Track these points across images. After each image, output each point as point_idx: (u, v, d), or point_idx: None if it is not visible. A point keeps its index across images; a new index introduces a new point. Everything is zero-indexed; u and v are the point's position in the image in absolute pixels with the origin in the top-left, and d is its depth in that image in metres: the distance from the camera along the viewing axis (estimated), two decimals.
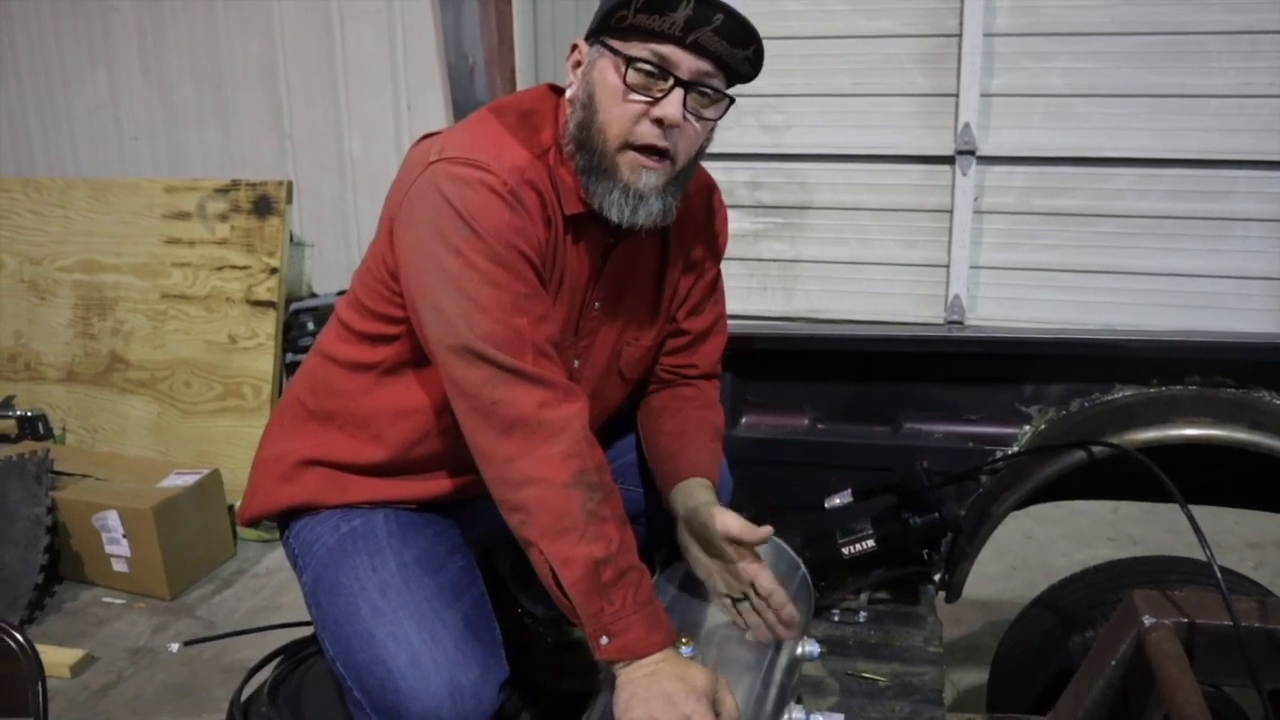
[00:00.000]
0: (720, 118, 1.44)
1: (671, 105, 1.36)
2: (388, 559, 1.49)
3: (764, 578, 1.46)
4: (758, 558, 1.49)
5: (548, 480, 1.31)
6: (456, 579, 1.51)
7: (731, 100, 1.43)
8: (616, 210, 1.42)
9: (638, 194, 1.41)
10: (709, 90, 1.39)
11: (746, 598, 1.49)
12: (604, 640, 1.31)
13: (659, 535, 1.71)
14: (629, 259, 1.58)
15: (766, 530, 1.46)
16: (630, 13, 1.33)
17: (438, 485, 1.61)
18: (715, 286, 1.78)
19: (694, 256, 1.69)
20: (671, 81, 1.36)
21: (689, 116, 1.39)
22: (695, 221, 1.67)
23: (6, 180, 4.46)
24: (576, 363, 1.60)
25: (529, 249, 1.38)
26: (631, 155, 1.40)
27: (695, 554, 1.55)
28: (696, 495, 1.56)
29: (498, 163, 1.37)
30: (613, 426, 1.81)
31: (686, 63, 1.35)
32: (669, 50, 1.35)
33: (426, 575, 1.48)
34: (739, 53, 1.37)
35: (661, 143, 1.39)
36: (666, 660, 1.31)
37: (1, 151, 4.94)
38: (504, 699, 1.43)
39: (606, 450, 1.72)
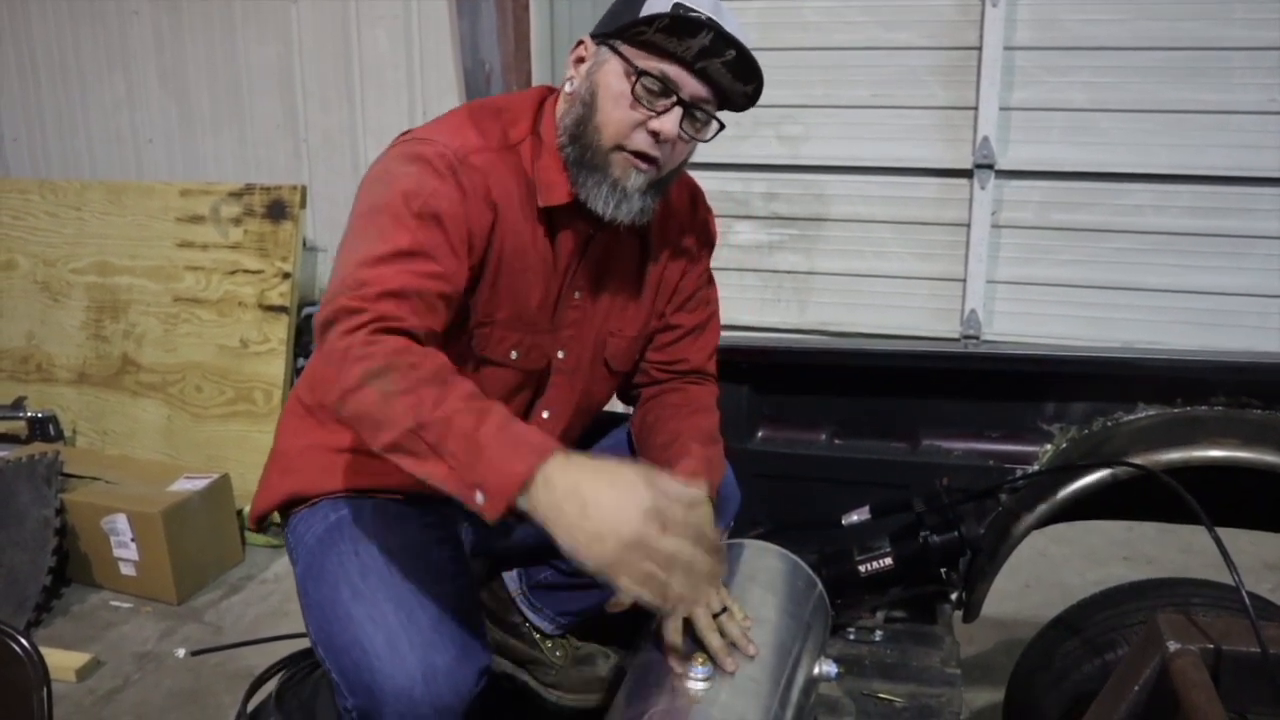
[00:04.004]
0: (709, 139, 1.52)
1: (669, 121, 1.44)
2: (372, 544, 1.49)
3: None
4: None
5: (346, 395, 1.24)
6: (441, 566, 1.50)
7: (722, 125, 1.51)
8: (602, 204, 1.49)
9: (623, 190, 1.48)
10: (704, 114, 1.48)
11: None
12: (479, 499, 1.17)
13: None
14: (608, 251, 1.63)
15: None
16: (650, 31, 1.40)
17: None
18: (704, 284, 1.80)
19: (678, 252, 1.73)
20: (674, 100, 1.44)
21: (682, 134, 1.47)
22: (678, 219, 1.72)
23: (23, 181, 4.47)
24: (561, 354, 1.63)
25: (444, 212, 1.41)
26: (623, 155, 1.47)
27: None
28: None
29: (445, 141, 1.46)
30: (601, 422, 1.86)
31: (691, 86, 1.44)
32: (678, 72, 1.43)
33: (410, 561, 1.47)
34: (740, 87, 1.47)
35: (653, 151, 1.47)
36: (563, 468, 1.17)
37: (19, 153, 4.95)
38: (483, 685, 1.42)
39: (595, 447, 1.81)
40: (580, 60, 1.52)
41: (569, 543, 1.15)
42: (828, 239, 4.17)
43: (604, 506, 1.14)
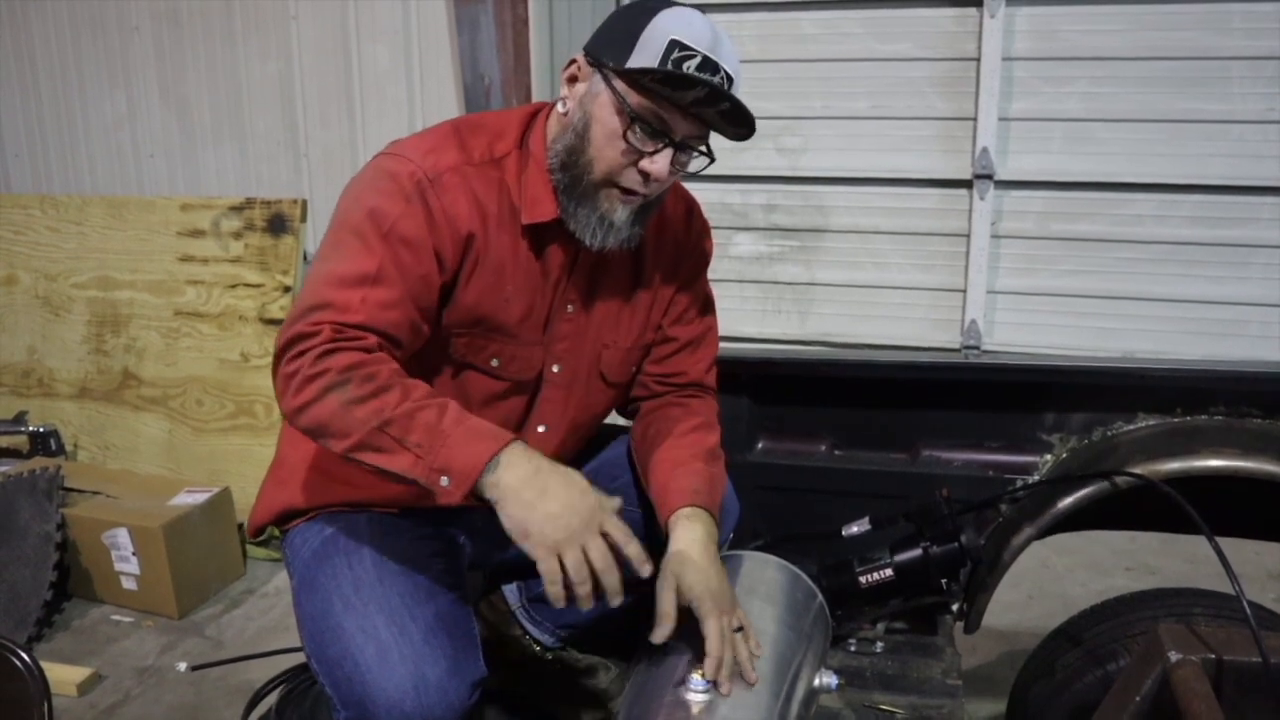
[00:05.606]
0: (699, 173, 1.53)
1: (661, 162, 1.45)
2: (365, 557, 1.51)
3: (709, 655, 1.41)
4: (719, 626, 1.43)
5: (305, 406, 1.33)
6: (435, 580, 1.51)
7: (712, 159, 1.52)
8: (590, 235, 1.51)
9: (610, 223, 1.50)
10: (695, 149, 1.49)
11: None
12: (444, 482, 1.29)
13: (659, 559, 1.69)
14: (600, 262, 1.62)
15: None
16: (646, 79, 1.41)
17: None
18: (702, 296, 1.80)
19: (672, 263, 1.73)
20: (666, 142, 1.45)
21: (673, 170, 1.48)
22: (673, 231, 1.72)
23: (24, 197, 4.48)
24: (556, 367, 1.63)
25: (410, 236, 1.43)
26: (611, 190, 1.48)
27: None
28: (672, 535, 1.55)
29: (420, 158, 1.46)
30: (601, 435, 1.85)
31: (684, 128, 1.45)
32: (671, 116, 1.44)
33: (403, 574, 1.49)
34: (731, 129, 1.47)
35: (642, 190, 1.49)
36: (524, 454, 1.32)
37: (20, 168, 4.96)
38: (478, 698, 1.42)
39: (596, 460, 1.80)
40: (573, 80, 1.52)
41: (521, 521, 1.29)
42: (828, 250, 4.17)
43: (560, 494, 1.30)
